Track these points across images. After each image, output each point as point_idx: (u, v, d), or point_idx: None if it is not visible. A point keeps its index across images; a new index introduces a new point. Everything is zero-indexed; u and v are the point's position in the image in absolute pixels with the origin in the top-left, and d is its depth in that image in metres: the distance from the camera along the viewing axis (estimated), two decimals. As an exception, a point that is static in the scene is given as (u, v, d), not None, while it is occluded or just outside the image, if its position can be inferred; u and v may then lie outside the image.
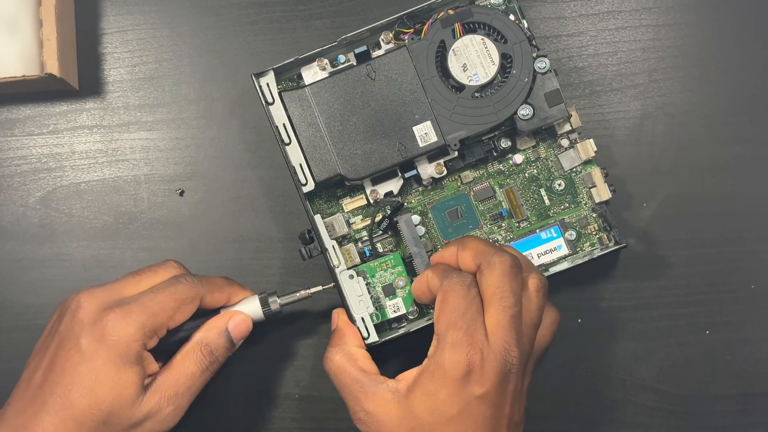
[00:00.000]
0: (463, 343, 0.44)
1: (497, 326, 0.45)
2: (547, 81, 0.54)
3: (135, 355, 0.47)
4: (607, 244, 0.56)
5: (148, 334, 0.47)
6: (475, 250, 0.48)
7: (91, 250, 0.59)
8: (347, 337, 0.50)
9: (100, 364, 0.46)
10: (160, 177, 0.59)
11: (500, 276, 0.46)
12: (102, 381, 0.46)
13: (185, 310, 0.49)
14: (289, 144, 0.53)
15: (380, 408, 0.46)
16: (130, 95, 0.60)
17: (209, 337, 0.50)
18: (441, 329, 0.45)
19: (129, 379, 0.46)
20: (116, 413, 0.46)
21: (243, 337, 0.51)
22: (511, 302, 0.45)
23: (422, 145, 0.53)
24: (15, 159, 0.59)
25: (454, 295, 0.46)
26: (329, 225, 0.54)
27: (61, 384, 0.46)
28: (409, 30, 0.55)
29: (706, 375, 0.58)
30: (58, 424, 0.45)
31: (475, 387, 0.44)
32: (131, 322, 0.47)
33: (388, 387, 0.47)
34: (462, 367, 0.44)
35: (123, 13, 0.61)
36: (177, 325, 0.49)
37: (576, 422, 0.58)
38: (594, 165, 0.56)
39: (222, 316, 0.51)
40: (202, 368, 0.49)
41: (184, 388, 0.48)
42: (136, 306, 0.48)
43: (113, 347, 0.46)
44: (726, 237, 0.59)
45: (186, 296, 0.49)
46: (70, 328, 0.47)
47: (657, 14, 0.61)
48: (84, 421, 0.45)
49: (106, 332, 0.46)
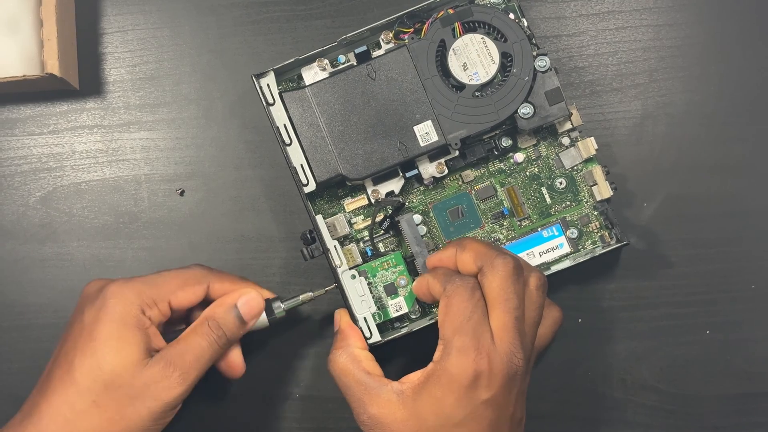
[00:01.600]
0: (470, 348, 0.44)
1: (503, 329, 0.45)
2: (548, 79, 0.54)
3: (134, 318, 0.47)
4: (608, 242, 0.56)
5: (147, 302, 0.48)
6: (475, 252, 0.48)
7: (92, 249, 0.59)
8: (351, 338, 0.50)
9: (100, 328, 0.46)
10: (160, 177, 0.59)
11: (504, 278, 0.46)
12: (102, 344, 0.46)
13: (190, 291, 0.50)
14: (290, 144, 0.53)
15: (384, 410, 0.46)
16: (130, 95, 0.60)
17: (217, 312, 0.50)
18: (447, 334, 0.45)
19: (129, 341, 0.46)
20: (118, 376, 0.46)
21: (254, 316, 0.51)
22: (516, 304, 0.45)
23: (423, 144, 0.53)
24: (15, 159, 0.59)
25: (458, 299, 0.46)
26: (331, 225, 0.54)
27: (65, 356, 0.47)
28: (409, 29, 0.55)
29: (706, 375, 0.58)
30: (61, 391, 0.46)
31: (483, 392, 0.44)
32: (129, 288, 0.48)
33: (393, 389, 0.46)
34: (470, 372, 0.44)
35: (123, 12, 0.61)
36: (183, 305, 0.49)
37: (576, 422, 0.58)
38: (595, 163, 0.56)
39: (231, 294, 0.51)
40: (209, 341, 0.48)
41: (191, 356, 0.48)
42: (138, 278, 0.49)
43: (111, 311, 0.47)
44: (726, 237, 0.59)
45: (191, 277, 0.50)
46: (79, 305, 0.49)
47: (657, 14, 0.61)
48: (85, 385, 0.45)
49: (106, 298, 0.47)
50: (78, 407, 0.45)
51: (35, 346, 0.58)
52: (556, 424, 0.58)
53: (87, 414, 0.45)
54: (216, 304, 0.50)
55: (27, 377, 0.57)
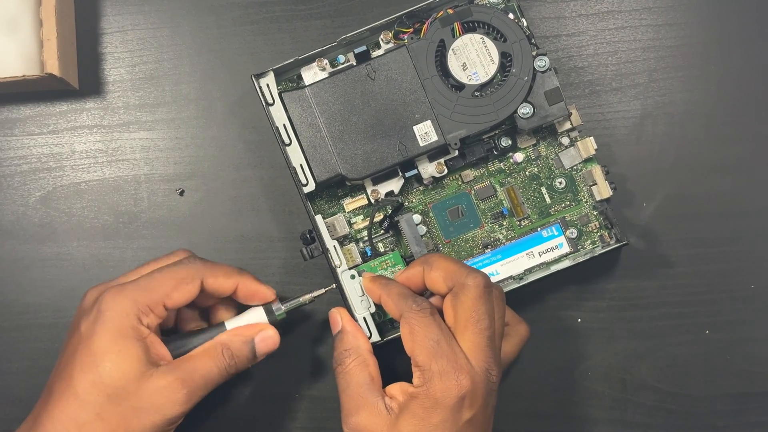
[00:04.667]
0: (450, 371, 0.45)
1: (476, 348, 0.45)
2: (547, 79, 0.54)
3: (131, 328, 0.46)
4: (608, 241, 0.56)
5: (142, 310, 0.47)
6: (444, 271, 0.48)
7: (92, 249, 0.59)
8: (360, 340, 0.50)
9: (97, 341, 0.46)
10: (160, 177, 0.59)
11: (475, 299, 0.46)
12: (101, 357, 0.46)
13: (184, 290, 0.49)
14: (290, 144, 0.53)
15: (372, 421, 0.46)
16: (130, 95, 0.60)
17: (234, 342, 0.49)
18: (422, 360, 0.45)
19: (129, 352, 0.46)
20: (122, 388, 0.45)
21: (267, 353, 0.51)
22: (487, 324, 0.46)
23: (423, 144, 0.53)
24: (15, 159, 0.59)
25: (420, 325, 0.46)
26: (330, 225, 0.54)
27: (65, 370, 0.46)
28: (408, 29, 0.55)
29: (706, 375, 0.58)
30: (63, 406, 0.45)
31: (466, 412, 0.45)
32: (124, 296, 0.47)
33: (385, 403, 0.46)
34: (454, 394, 0.44)
35: (123, 12, 0.61)
36: (177, 305, 0.49)
37: (576, 422, 0.58)
38: (594, 163, 0.56)
39: (252, 326, 0.51)
40: (219, 367, 0.48)
41: (199, 377, 0.47)
42: (131, 284, 0.48)
43: (108, 322, 0.46)
44: (726, 237, 0.59)
45: (184, 275, 0.49)
46: (76, 318, 0.49)
47: (657, 14, 0.61)
48: (86, 397, 0.45)
49: (101, 310, 0.47)
50: (81, 420, 0.45)
51: (35, 346, 0.58)
52: (556, 424, 0.58)
53: (91, 427, 0.45)
54: (234, 333, 0.50)
55: (27, 377, 0.57)
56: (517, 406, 0.57)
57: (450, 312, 0.47)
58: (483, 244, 0.56)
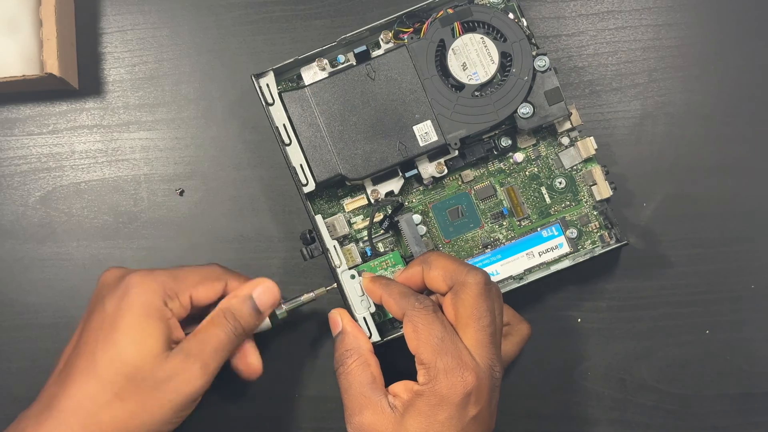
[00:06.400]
0: (455, 368, 0.45)
1: (479, 345, 0.46)
2: (547, 79, 0.54)
3: (156, 310, 0.47)
4: (608, 241, 0.56)
5: (169, 294, 0.48)
6: (443, 270, 0.48)
7: (91, 249, 0.59)
8: (361, 340, 0.50)
9: (122, 318, 0.46)
10: (160, 177, 0.59)
11: (476, 296, 0.46)
12: (124, 335, 0.46)
13: (209, 286, 0.50)
14: (290, 144, 0.53)
15: (377, 420, 0.46)
16: (130, 95, 0.60)
17: (232, 303, 0.50)
18: (426, 358, 0.45)
19: (151, 333, 0.46)
20: (141, 368, 0.45)
21: (270, 306, 0.51)
22: (489, 320, 0.46)
23: (423, 144, 0.53)
24: (15, 159, 0.59)
25: (424, 323, 0.46)
26: (330, 225, 0.54)
27: (87, 346, 0.46)
28: (408, 29, 0.55)
29: (706, 375, 0.58)
30: (82, 383, 0.45)
31: (472, 408, 0.45)
32: (152, 278, 0.47)
33: (389, 402, 0.46)
34: (460, 391, 0.44)
35: (123, 12, 0.61)
36: (202, 301, 0.49)
37: (576, 422, 0.58)
38: (594, 163, 0.56)
39: (247, 284, 0.51)
40: (226, 332, 0.48)
41: (209, 348, 0.47)
42: (160, 269, 0.49)
43: (134, 301, 0.46)
44: (726, 236, 0.59)
45: (210, 273, 0.50)
46: (98, 293, 0.48)
47: (657, 14, 0.61)
48: (107, 377, 0.45)
49: (128, 288, 0.47)
50: (100, 400, 0.45)
51: (35, 345, 0.58)
52: (555, 424, 0.58)
53: (110, 407, 0.45)
54: (231, 296, 0.50)
55: (27, 377, 0.57)
56: (517, 406, 0.57)
57: (451, 310, 0.47)
58: (483, 244, 0.56)
